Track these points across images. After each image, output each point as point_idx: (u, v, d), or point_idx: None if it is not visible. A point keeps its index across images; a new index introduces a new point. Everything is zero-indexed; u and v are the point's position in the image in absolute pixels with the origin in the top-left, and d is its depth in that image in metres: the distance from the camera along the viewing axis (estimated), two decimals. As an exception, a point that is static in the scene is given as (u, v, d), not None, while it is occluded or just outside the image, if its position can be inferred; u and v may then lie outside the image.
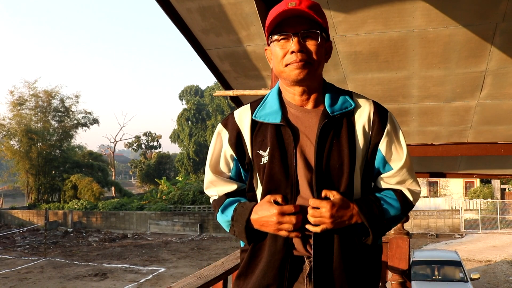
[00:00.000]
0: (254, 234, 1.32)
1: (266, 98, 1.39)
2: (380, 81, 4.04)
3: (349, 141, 1.28)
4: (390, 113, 1.35)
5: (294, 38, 1.25)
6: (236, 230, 1.33)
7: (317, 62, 1.28)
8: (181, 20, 3.59)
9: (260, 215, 1.27)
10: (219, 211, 1.37)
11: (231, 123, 1.38)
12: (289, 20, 1.25)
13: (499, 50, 3.40)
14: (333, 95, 1.33)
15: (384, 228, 1.29)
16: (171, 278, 15.47)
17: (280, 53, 1.27)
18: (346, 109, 1.30)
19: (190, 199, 28.60)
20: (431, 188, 31.25)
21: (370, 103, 1.34)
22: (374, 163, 1.33)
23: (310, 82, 1.30)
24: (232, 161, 1.39)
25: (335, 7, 3.10)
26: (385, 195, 1.32)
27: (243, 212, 1.31)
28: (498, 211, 23.60)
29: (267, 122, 1.32)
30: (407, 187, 1.33)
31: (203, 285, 1.98)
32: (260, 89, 3.72)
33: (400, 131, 1.35)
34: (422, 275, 10.16)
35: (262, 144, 1.32)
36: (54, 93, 36.63)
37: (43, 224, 23.65)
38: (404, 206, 1.31)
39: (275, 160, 1.28)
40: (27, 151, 34.72)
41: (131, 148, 52.22)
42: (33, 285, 15.13)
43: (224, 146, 1.39)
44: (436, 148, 5.32)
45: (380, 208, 1.27)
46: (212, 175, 1.40)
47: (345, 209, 1.23)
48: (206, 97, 45.75)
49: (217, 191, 1.41)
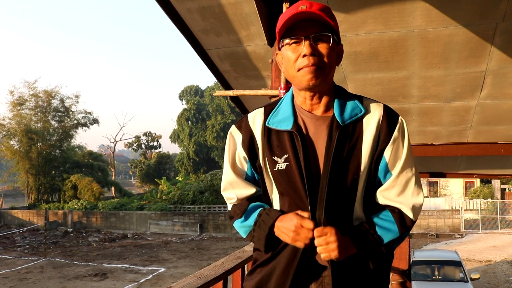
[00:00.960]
0: (272, 244, 1.32)
1: (280, 104, 1.39)
2: (380, 81, 4.04)
3: (357, 150, 1.27)
4: (400, 119, 1.32)
5: (305, 41, 1.24)
6: (256, 235, 1.32)
7: (328, 66, 1.27)
8: (181, 20, 3.59)
9: (284, 224, 1.27)
10: (241, 217, 1.36)
11: (245, 126, 1.39)
12: (300, 23, 1.24)
13: (499, 50, 3.39)
14: (343, 101, 1.32)
15: (383, 252, 1.28)
16: (171, 278, 15.46)
17: (292, 57, 1.27)
18: (356, 116, 1.29)
19: (190, 199, 28.60)
20: (431, 188, 31.25)
21: (381, 108, 1.32)
22: (378, 170, 1.31)
23: (321, 88, 1.30)
24: (246, 163, 1.39)
25: (335, 7, 3.09)
26: (382, 218, 1.29)
27: (267, 219, 1.31)
28: (498, 211, 23.60)
29: (280, 129, 1.32)
30: (407, 202, 1.30)
31: (203, 285, 1.98)
32: (260, 89, 3.71)
33: (406, 138, 1.32)
34: (422, 275, 10.16)
35: (277, 149, 1.32)
36: (54, 93, 36.68)
37: (43, 224, 23.65)
38: (402, 226, 1.28)
39: (291, 167, 1.28)
40: (27, 151, 34.72)
41: (131, 148, 52.23)
42: (33, 285, 15.13)
43: (238, 148, 1.39)
44: (436, 148, 5.32)
45: (375, 236, 1.26)
46: (233, 175, 1.39)
47: (344, 243, 1.23)
48: (206, 97, 45.73)
49: (235, 194, 1.40)
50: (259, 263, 1.38)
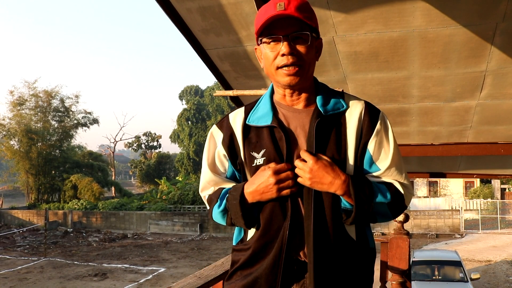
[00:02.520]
0: (251, 215, 1.30)
1: (260, 101, 1.40)
2: (380, 81, 4.04)
3: (341, 141, 1.28)
4: (382, 113, 1.34)
5: (284, 41, 1.24)
6: (232, 212, 1.30)
7: (307, 64, 1.28)
8: (181, 20, 3.59)
9: (257, 183, 1.26)
10: (217, 202, 1.35)
11: (226, 125, 1.39)
12: (278, 22, 1.24)
13: (499, 50, 3.39)
14: (325, 96, 1.33)
15: (369, 210, 1.24)
16: (171, 278, 15.46)
17: (271, 55, 1.27)
18: (338, 110, 1.30)
19: (190, 199, 28.59)
20: (431, 188, 31.24)
21: (362, 103, 1.33)
22: (363, 164, 1.31)
23: (301, 85, 1.30)
24: (226, 161, 1.39)
25: (335, 7, 3.09)
26: (377, 182, 1.29)
27: (236, 189, 1.31)
28: (498, 211, 23.59)
29: (259, 126, 1.33)
30: (399, 183, 1.30)
31: (203, 285, 1.98)
32: (260, 89, 3.71)
33: (390, 132, 1.32)
34: (422, 275, 10.16)
35: (256, 145, 1.32)
36: (54, 93, 36.66)
37: (43, 224, 23.64)
38: (394, 197, 1.27)
39: (270, 161, 1.28)
40: (27, 151, 34.71)
41: (131, 148, 52.20)
42: (33, 285, 15.12)
43: (218, 147, 1.39)
44: (436, 148, 5.32)
45: (370, 189, 1.24)
46: (212, 174, 1.40)
47: (327, 172, 1.22)
48: (206, 97, 45.75)
49: (213, 188, 1.40)
50: (239, 265, 1.35)
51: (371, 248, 1.36)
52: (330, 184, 1.23)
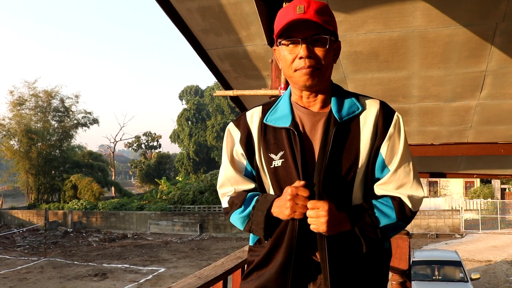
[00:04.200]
0: (271, 229, 1.31)
1: (279, 102, 1.40)
2: (380, 81, 4.03)
3: (355, 149, 1.28)
4: (397, 115, 1.33)
5: (302, 44, 1.25)
6: (255, 220, 1.31)
7: (325, 67, 1.28)
8: (181, 20, 3.59)
9: (280, 199, 1.27)
10: (241, 207, 1.35)
11: (243, 123, 1.40)
12: (297, 24, 1.25)
13: (499, 50, 3.39)
14: (340, 99, 1.33)
15: (378, 236, 1.26)
16: (171, 278, 15.46)
17: (289, 57, 1.28)
18: (353, 113, 1.30)
19: (190, 199, 28.59)
20: (431, 188, 31.25)
21: (377, 104, 1.33)
22: (375, 166, 1.32)
23: (318, 87, 1.31)
24: (244, 160, 1.40)
25: (335, 7, 3.09)
26: (381, 202, 1.29)
27: (265, 201, 1.31)
28: (498, 211, 23.59)
29: (278, 126, 1.33)
30: (407, 193, 1.30)
31: (203, 285, 1.98)
32: (260, 89, 3.71)
33: (403, 133, 1.32)
34: (422, 275, 10.16)
35: (274, 147, 1.33)
36: (54, 93, 36.67)
37: (43, 224, 23.65)
38: (401, 214, 1.27)
39: (288, 163, 1.29)
40: (27, 151, 34.72)
41: (131, 148, 52.20)
42: (33, 285, 15.13)
43: (236, 145, 1.40)
44: (436, 148, 5.32)
45: (372, 217, 1.25)
46: (232, 171, 1.40)
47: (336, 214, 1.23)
48: (206, 97, 45.72)
49: (234, 188, 1.40)
50: (254, 265, 1.37)
51: (385, 249, 1.37)
52: (340, 225, 1.24)
